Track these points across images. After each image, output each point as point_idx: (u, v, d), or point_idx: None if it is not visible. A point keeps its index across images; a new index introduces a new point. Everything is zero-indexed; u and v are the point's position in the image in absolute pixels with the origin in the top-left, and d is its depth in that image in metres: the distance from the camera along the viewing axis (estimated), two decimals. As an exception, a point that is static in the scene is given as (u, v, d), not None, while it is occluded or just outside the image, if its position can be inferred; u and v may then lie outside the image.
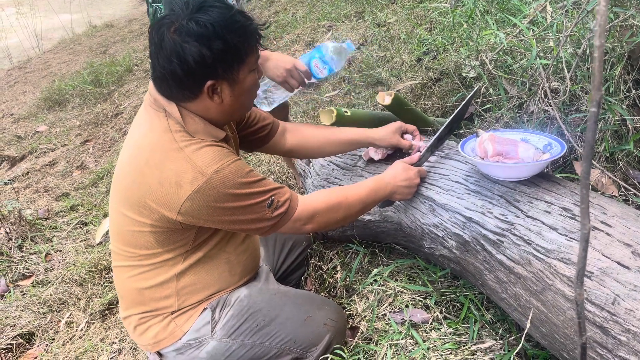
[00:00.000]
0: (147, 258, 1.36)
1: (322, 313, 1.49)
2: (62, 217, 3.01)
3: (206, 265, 1.41)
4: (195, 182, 1.20)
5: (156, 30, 1.19)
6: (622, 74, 1.62)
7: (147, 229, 1.30)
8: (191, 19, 1.16)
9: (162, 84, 1.24)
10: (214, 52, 1.17)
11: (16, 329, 2.11)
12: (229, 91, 1.25)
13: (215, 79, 1.21)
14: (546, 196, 1.23)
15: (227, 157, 1.24)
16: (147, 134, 1.27)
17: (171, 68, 1.17)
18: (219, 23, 1.16)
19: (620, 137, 1.62)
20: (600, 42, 0.49)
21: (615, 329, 0.97)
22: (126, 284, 1.42)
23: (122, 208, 1.32)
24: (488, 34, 2.01)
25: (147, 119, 1.29)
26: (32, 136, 4.56)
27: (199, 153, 1.22)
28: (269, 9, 5.14)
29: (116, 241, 1.40)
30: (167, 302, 1.40)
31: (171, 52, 1.16)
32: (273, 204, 1.29)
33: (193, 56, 1.15)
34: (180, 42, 1.15)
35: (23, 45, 7.86)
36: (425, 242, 1.50)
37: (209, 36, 1.15)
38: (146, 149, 1.25)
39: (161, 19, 1.20)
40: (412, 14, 3.14)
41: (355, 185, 1.47)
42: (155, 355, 1.46)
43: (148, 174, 1.23)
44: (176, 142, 1.23)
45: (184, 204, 1.22)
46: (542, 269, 1.13)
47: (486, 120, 1.93)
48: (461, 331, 1.44)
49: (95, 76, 5.25)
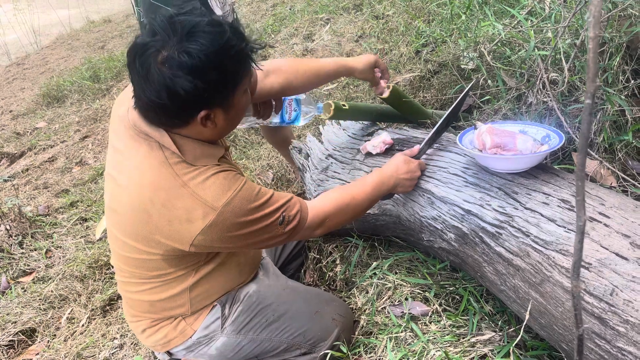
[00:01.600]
0: (158, 277, 1.32)
1: (330, 308, 1.49)
2: (62, 214, 3.01)
3: (218, 272, 1.39)
4: (207, 217, 1.15)
5: (139, 58, 1.07)
6: (621, 64, 1.62)
7: (157, 257, 1.26)
8: (182, 50, 1.04)
9: (149, 114, 1.15)
10: (209, 83, 1.08)
11: (17, 325, 2.12)
12: (223, 116, 1.18)
13: (209, 109, 1.13)
14: (544, 188, 1.23)
15: (234, 183, 1.18)
16: (143, 170, 1.18)
17: (160, 102, 1.08)
18: (213, 52, 1.06)
19: (619, 127, 1.61)
20: (595, 34, 0.48)
21: (613, 320, 0.97)
22: (135, 296, 1.38)
23: (127, 239, 1.26)
24: (486, 26, 2.00)
25: (136, 151, 1.20)
26: (31, 133, 4.55)
27: (204, 186, 1.16)
28: (267, 2, 5.12)
29: (121, 262, 1.35)
30: (180, 310, 1.39)
31: (160, 86, 1.06)
32: (285, 221, 1.26)
33: (186, 90, 1.05)
34: (171, 75, 1.04)
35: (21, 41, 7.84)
36: (424, 235, 1.50)
37: (204, 68, 1.05)
38: (147, 188, 1.17)
39: (142, 45, 1.07)
40: (411, 6, 3.13)
41: (359, 182, 1.44)
42: (164, 354, 1.46)
43: (155, 213, 1.17)
44: (178, 176, 1.16)
45: (196, 237, 1.17)
46: (540, 261, 1.13)
47: (485, 112, 1.92)
48: (461, 323, 1.44)
49: (94, 72, 5.24)
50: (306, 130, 2.67)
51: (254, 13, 4.88)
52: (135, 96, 1.14)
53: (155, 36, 1.07)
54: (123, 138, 1.24)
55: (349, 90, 2.85)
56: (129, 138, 1.22)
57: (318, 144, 1.98)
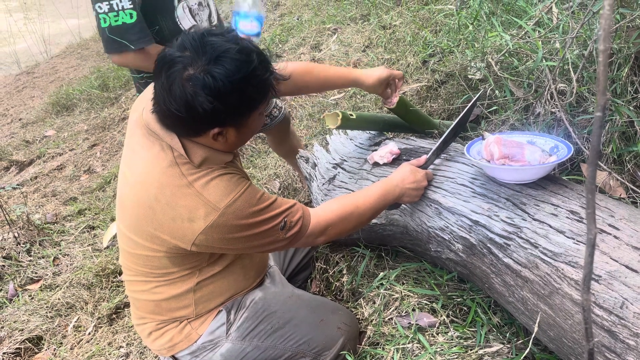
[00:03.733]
0: (163, 275, 1.35)
1: (335, 317, 1.49)
2: (69, 222, 3.03)
3: (222, 274, 1.40)
4: (209, 217, 1.18)
5: (166, 71, 1.11)
6: (630, 75, 1.61)
7: (161, 254, 1.29)
8: (207, 71, 1.08)
9: (166, 120, 1.20)
10: (228, 106, 1.13)
11: (24, 333, 2.13)
12: (235, 134, 1.22)
13: (222, 127, 1.17)
14: (553, 199, 1.23)
15: (238, 186, 1.21)
16: (152, 169, 1.22)
17: (178, 113, 1.12)
18: (237, 79, 1.10)
19: (627, 138, 1.61)
20: (605, 47, 0.48)
21: (623, 333, 0.96)
22: (141, 296, 1.41)
23: (133, 235, 1.30)
24: (494, 36, 2.00)
25: (147, 150, 1.24)
26: (40, 141, 4.59)
27: (209, 187, 1.19)
28: (275, 12, 5.15)
29: (128, 261, 1.39)
30: (185, 312, 1.40)
31: (181, 100, 1.10)
32: (286, 226, 1.28)
33: (204, 108, 1.10)
34: (193, 93, 1.09)
35: (31, 50, 7.92)
36: (432, 246, 1.50)
37: (225, 93, 1.10)
38: (153, 185, 1.21)
39: (171, 60, 1.11)
40: (418, 16, 3.14)
41: (364, 191, 1.45)
42: (169, 359, 1.47)
43: (159, 210, 1.20)
44: (184, 176, 1.19)
45: (198, 237, 1.20)
46: (549, 273, 1.12)
47: (492, 123, 1.92)
48: (468, 335, 1.43)
49: (103, 81, 5.28)
50: (313, 140, 2.68)
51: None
52: (155, 102, 1.18)
53: (184, 51, 1.11)
54: (137, 137, 1.29)
55: (356, 100, 2.85)
56: (141, 136, 1.27)
57: (325, 153, 1.98)
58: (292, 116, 3.18)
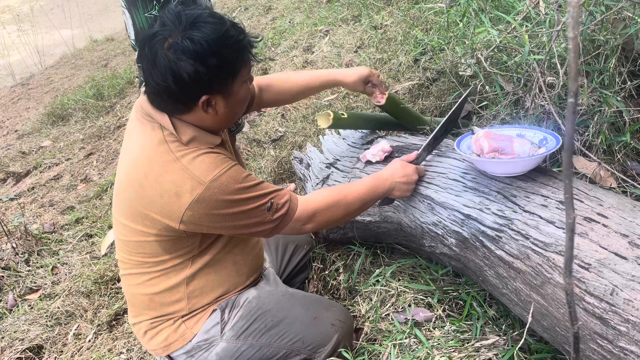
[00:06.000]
0: (155, 265, 1.37)
1: (329, 314, 1.50)
2: (67, 230, 3.03)
3: (214, 267, 1.42)
4: (194, 191, 1.21)
5: (148, 45, 1.20)
6: (617, 66, 1.63)
7: (152, 238, 1.32)
8: (185, 36, 1.16)
9: (156, 98, 1.26)
10: (209, 68, 1.18)
11: (25, 342, 2.13)
12: (224, 103, 1.27)
13: (209, 94, 1.23)
14: (543, 190, 1.24)
15: (224, 163, 1.25)
16: (143, 147, 1.28)
17: (166, 84, 1.19)
18: (213, 39, 1.17)
19: (617, 129, 1.62)
20: (574, 34, 0.50)
21: (614, 320, 0.97)
22: (135, 290, 1.43)
23: (125, 220, 1.34)
24: (482, 32, 2.02)
25: (141, 131, 1.30)
26: (36, 151, 4.60)
27: (195, 162, 1.23)
28: (266, 16, 5.16)
29: (122, 251, 1.42)
30: (178, 306, 1.42)
31: (165, 70, 1.17)
32: (273, 207, 1.31)
33: (188, 73, 1.16)
34: (175, 59, 1.16)
35: (25, 62, 7.92)
36: (426, 241, 1.51)
37: (204, 53, 1.16)
38: (144, 163, 1.26)
39: (152, 34, 1.20)
40: (408, 15, 3.15)
41: (354, 183, 1.48)
42: (165, 359, 1.47)
43: (148, 187, 1.25)
44: (172, 152, 1.24)
45: (185, 213, 1.23)
46: (540, 263, 1.13)
47: (483, 118, 1.93)
48: (464, 328, 1.44)
49: (97, 90, 5.28)
50: (307, 140, 2.69)
51: (254, 27, 4.93)
52: (145, 82, 1.25)
53: (164, 27, 1.19)
54: (133, 121, 1.36)
55: (349, 100, 2.86)
56: (136, 120, 1.34)
57: (318, 153, 1.99)
58: (287, 118, 3.19)
